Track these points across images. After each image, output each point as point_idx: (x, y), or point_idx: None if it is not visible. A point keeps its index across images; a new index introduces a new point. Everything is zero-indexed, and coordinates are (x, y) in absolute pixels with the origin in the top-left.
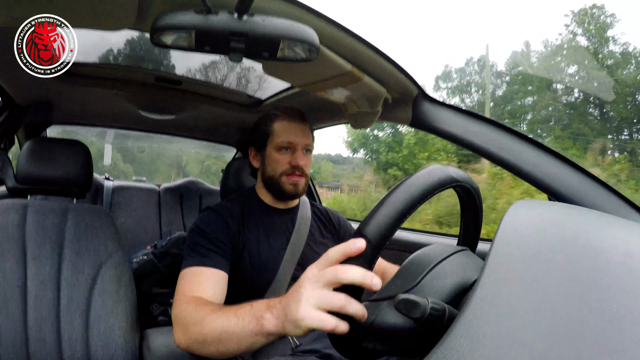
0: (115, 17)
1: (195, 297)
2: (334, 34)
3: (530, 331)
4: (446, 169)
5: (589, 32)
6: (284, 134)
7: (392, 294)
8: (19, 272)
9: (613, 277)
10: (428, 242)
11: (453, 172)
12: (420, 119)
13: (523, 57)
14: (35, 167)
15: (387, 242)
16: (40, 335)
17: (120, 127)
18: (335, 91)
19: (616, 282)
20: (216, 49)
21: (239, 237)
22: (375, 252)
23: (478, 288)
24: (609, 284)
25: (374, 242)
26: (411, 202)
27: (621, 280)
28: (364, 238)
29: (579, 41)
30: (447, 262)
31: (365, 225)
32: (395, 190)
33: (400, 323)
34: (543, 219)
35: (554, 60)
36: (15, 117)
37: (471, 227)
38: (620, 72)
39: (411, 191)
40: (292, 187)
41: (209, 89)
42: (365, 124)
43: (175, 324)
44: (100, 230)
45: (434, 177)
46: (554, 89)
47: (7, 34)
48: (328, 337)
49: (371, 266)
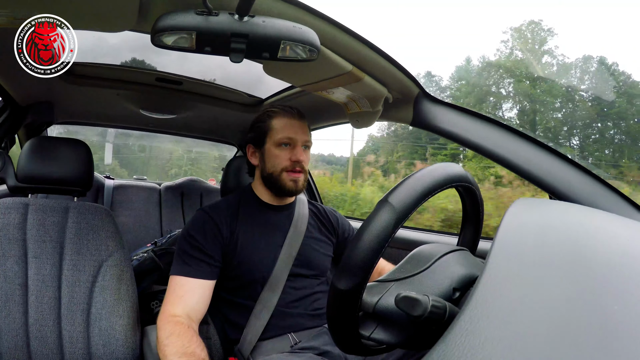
0: (117, 18)
1: (176, 319)
2: (335, 34)
3: (531, 329)
4: (462, 168)
5: (525, 46)
6: (283, 130)
7: (401, 276)
8: (20, 271)
9: (613, 276)
10: (429, 240)
11: (467, 174)
12: (421, 119)
13: (466, 72)
14: (36, 165)
15: (410, 213)
16: (41, 333)
17: (121, 126)
18: (336, 91)
19: (616, 281)
20: (217, 50)
21: (232, 236)
22: (399, 220)
23: (479, 286)
24: (609, 282)
25: (398, 209)
26: (434, 184)
27: (621, 280)
28: (389, 204)
29: (517, 54)
30: (455, 254)
31: (391, 194)
32: (421, 170)
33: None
34: (544, 217)
35: (492, 74)
36: (16, 117)
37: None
38: (552, 84)
39: (435, 175)
40: (292, 183)
41: (209, 89)
42: (366, 124)
43: (157, 330)
44: (101, 229)
45: (456, 170)
46: (489, 100)
47: (7, 34)
48: (328, 330)
49: (393, 234)
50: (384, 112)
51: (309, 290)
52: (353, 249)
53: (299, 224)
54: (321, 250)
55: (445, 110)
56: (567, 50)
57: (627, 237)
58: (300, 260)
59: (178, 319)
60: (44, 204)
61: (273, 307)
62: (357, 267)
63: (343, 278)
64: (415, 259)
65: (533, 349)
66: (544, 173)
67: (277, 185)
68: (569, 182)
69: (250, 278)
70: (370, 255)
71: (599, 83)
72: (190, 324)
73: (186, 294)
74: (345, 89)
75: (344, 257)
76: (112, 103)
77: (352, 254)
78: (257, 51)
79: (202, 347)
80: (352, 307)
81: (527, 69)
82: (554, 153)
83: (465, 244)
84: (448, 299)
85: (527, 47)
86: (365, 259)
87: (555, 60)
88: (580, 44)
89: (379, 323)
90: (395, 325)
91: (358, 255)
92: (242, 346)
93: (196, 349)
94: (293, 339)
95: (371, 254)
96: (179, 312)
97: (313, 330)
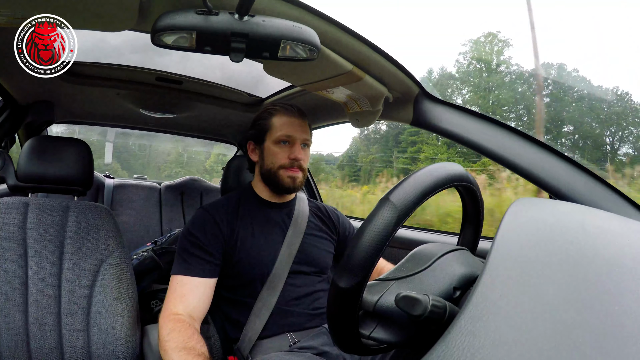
0: (117, 18)
1: (177, 317)
2: (335, 34)
3: (531, 329)
4: (462, 168)
5: (482, 58)
6: (282, 128)
7: (401, 275)
8: (20, 270)
9: (613, 276)
10: (430, 240)
11: (467, 173)
12: (422, 118)
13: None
14: (36, 165)
15: (411, 212)
16: (41, 332)
17: (121, 125)
18: (336, 90)
19: (616, 281)
20: (217, 49)
21: (232, 233)
22: (400, 218)
23: (479, 285)
24: (609, 282)
25: (399, 207)
26: (435, 183)
27: (622, 280)
28: (390, 202)
29: (474, 65)
30: (455, 253)
31: (392, 192)
32: (423, 169)
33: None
34: (544, 217)
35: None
36: (16, 116)
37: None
38: (501, 93)
39: (436, 175)
40: (290, 180)
41: (209, 88)
42: (366, 123)
43: (159, 328)
44: (101, 228)
45: (456, 170)
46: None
47: (7, 33)
48: (328, 329)
49: (394, 232)
50: (384, 112)
51: (310, 288)
52: (354, 247)
53: (299, 221)
54: (322, 247)
55: (446, 110)
56: (525, 60)
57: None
58: (300, 257)
59: (179, 317)
60: (44, 203)
61: (273, 305)
62: (358, 266)
63: (344, 276)
64: (415, 258)
65: (533, 349)
66: (544, 172)
67: (275, 182)
68: (569, 182)
69: (251, 275)
70: (371, 253)
71: (557, 88)
72: (192, 322)
73: (188, 293)
74: (345, 89)
75: (345, 256)
76: (112, 102)
77: (353, 252)
78: (257, 51)
79: (202, 344)
80: (352, 305)
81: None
82: (554, 152)
83: (466, 243)
84: (448, 298)
85: (483, 58)
86: (366, 257)
87: (509, 69)
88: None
89: (378, 322)
90: (395, 325)
91: (359, 254)
92: (242, 345)
93: (196, 345)
94: (292, 338)
95: (372, 252)
96: (181, 311)
97: (312, 330)
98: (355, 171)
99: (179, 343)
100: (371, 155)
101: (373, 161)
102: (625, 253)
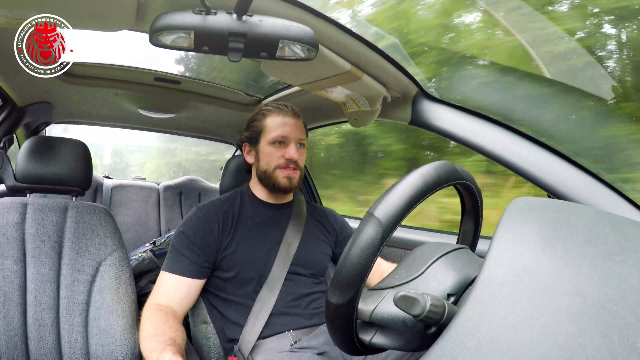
0: (115, 18)
1: (158, 307)
2: (333, 34)
3: (529, 329)
4: (454, 165)
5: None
6: (276, 129)
7: (395, 283)
8: (18, 271)
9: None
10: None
11: (460, 170)
12: (420, 118)
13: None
14: (34, 165)
15: (397, 225)
16: (39, 333)
17: (120, 126)
18: (335, 90)
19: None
20: (215, 49)
21: (227, 234)
22: (385, 233)
23: (477, 285)
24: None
25: (384, 223)
26: (422, 189)
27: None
28: (375, 219)
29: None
30: (450, 256)
31: (376, 207)
32: (407, 177)
33: (400, 314)
34: (542, 216)
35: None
36: (14, 117)
37: (471, 226)
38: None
39: (425, 178)
40: (286, 180)
41: (207, 88)
42: (364, 123)
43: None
44: (99, 229)
45: (445, 170)
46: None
47: (7, 34)
48: (328, 331)
49: (380, 248)
50: (383, 111)
51: (308, 290)
52: (342, 265)
53: (296, 223)
54: (319, 249)
55: (444, 110)
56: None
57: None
58: (298, 259)
59: (159, 307)
60: (43, 203)
61: (272, 306)
62: (348, 283)
63: (335, 293)
64: (409, 264)
65: (532, 349)
66: (542, 172)
67: (272, 182)
68: (568, 181)
69: (248, 275)
70: (359, 270)
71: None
72: (171, 312)
73: (173, 291)
74: (343, 88)
75: (335, 273)
76: (110, 103)
77: (342, 270)
78: (255, 50)
79: (176, 329)
80: (348, 318)
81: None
82: (553, 151)
83: (465, 241)
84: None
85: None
86: (355, 275)
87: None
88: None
89: (378, 328)
90: (394, 332)
91: (347, 272)
92: (242, 345)
93: (168, 330)
94: (293, 337)
95: (360, 269)
96: (163, 302)
97: (312, 329)
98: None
99: (151, 331)
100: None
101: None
102: (623, 252)
